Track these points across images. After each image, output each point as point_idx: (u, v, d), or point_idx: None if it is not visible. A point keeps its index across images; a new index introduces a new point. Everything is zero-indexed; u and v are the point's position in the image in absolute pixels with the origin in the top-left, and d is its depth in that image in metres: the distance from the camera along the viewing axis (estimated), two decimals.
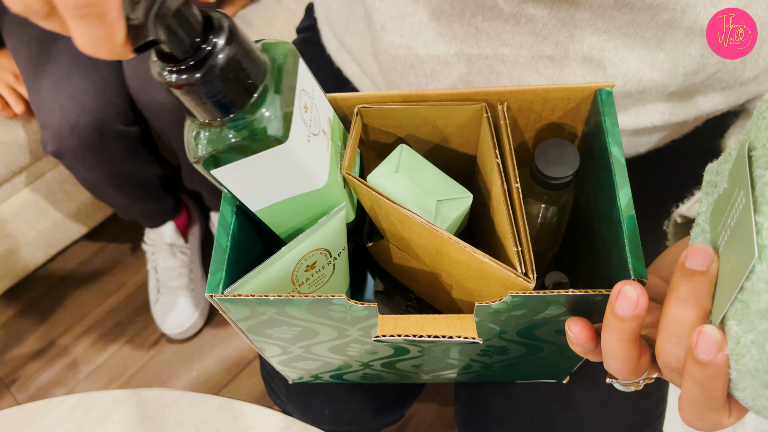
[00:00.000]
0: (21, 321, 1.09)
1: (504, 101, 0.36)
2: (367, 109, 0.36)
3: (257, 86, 0.26)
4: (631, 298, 0.26)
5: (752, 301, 0.22)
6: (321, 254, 0.33)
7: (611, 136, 0.33)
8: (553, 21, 0.38)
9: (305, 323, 0.33)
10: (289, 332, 0.36)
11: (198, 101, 0.25)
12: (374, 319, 0.32)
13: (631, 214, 0.31)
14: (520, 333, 0.35)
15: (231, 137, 0.26)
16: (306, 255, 0.32)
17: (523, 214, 0.31)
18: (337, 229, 0.34)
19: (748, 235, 0.22)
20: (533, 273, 0.29)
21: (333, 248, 0.34)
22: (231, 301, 0.30)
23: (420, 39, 0.43)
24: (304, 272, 0.33)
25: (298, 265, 0.32)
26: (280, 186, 0.30)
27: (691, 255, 0.25)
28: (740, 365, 0.23)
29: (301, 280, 0.33)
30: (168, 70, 0.24)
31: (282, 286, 0.33)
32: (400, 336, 0.29)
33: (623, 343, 0.27)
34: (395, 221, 0.34)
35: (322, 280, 0.35)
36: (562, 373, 0.47)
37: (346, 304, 0.30)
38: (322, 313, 0.32)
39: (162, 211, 1.02)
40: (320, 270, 0.34)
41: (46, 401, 0.48)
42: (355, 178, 0.33)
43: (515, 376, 0.49)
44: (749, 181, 0.22)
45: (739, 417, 0.26)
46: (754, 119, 0.24)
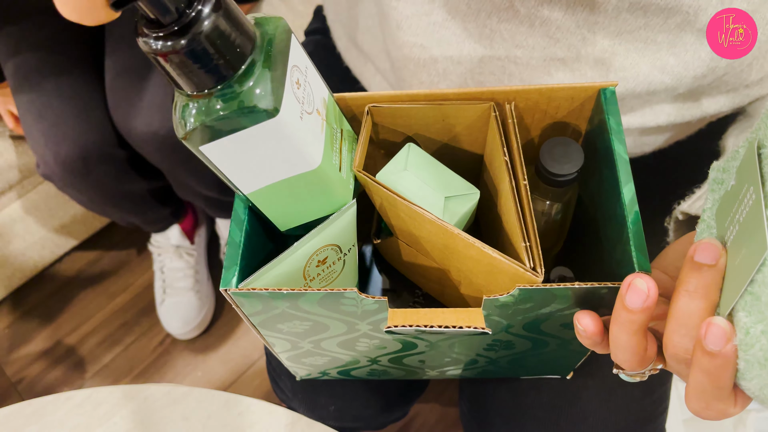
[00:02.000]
0: (28, 321, 1.10)
1: (511, 101, 0.36)
2: (377, 108, 0.37)
3: (246, 57, 0.26)
4: (642, 290, 0.26)
5: (763, 293, 0.22)
6: (332, 250, 0.34)
7: (615, 134, 0.34)
8: (567, 23, 0.39)
9: (316, 317, 0.34)
10: (300, 327, 0.36)
11: (184, 70, 0.25)
12: (384, 313, 0.32)
13: (635, 209, 0.32)
14: (526, 327, 0.36)
15: (219, 108, 0.26)
16: (318, 250, 0.33)
17: (531, 209, 0.32)
18: (348, 225, 0.34)
19: (759, 229, 0.22)
20: (541, 268, 0.30)
21: (343, 244, 0.35)
22: (245, 296, 0.31)
23: (434, 39, 0.43)
24: (316, 267, 0.33)
25: (310, 260, 0.33)
26: (272, 166, 0.30)
27: (700, 249, 0.25)
28: (749, 355, 0.23)
29: (312, 276, 0.34)
30: (153, 37, 0.24)
31: (294, 281, 0.33)
32: (411, 326, 0.30)
33: (632, 335, 0.28)
34: (405, 217, 0.35)
35: (333, 276, 0.36)
36: (566, 369, 0.48)
37: (358, 297, 0.30)
38: (333, 307, 0.32)
39: (161, 218, 1.02)
40: (331, 266, 0.35)
41: (55, 396, 0.48)
42: (366, 176, 0.34)
43: (520, 372, 0.49)
44: (759, 178, 0.23)
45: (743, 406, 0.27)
46: (764, 118, 0.24)
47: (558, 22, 0.39)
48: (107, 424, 0.46)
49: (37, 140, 0.80)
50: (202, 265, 1.10)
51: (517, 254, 0.32)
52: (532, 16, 0.39)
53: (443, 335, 0.34)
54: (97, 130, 0.81)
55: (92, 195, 0.87)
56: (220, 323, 1.09)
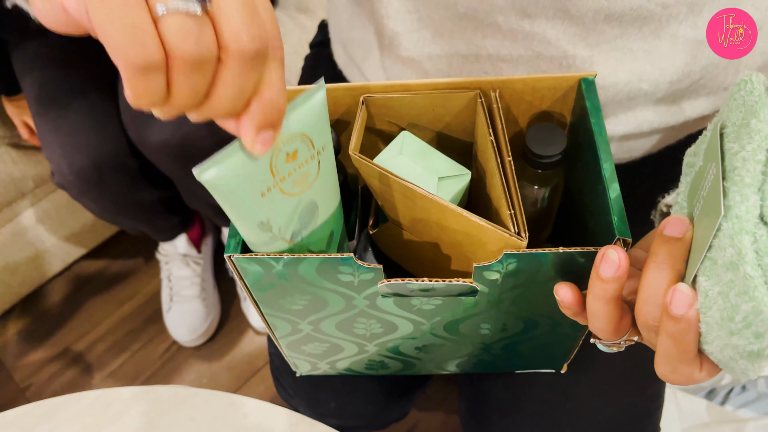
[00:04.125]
0: (37, 327, 1.12)
1: (496, 89, 0.39)
2: (372, 98, 0.40)
3: None
4: (614, 260, 0.28)
5: (719, 256, 0.24)
6: (302, 142, 0.30)
7: (594, 117, 0.37)
8: (548, 36, 0.41)
9: (315, 289, 0.36)
10: (300, 302, 0.38)
11: None
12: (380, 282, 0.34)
13: (614, 184, 0.34)
14: (517, 303, 0.38)
15: None
16: (285, 139, 0.29)
17: (515, 182, 0.34)
18: (318, 114, 0.30)
19: (717, 199, 0.24)
20: (525, 233, 0.32)
21: (315, 137, 0.30)
22: (247, 261, 0.33)
23: (425, 53, 0.46)
24: (285, 164, 0.30)
25: (277, 150, 0.29)
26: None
27: (668, 224, 0.27)
28: (708, 317, 0.25)
29: (282, 174, 0.30)
30: None
31: (260, 175, 0.29)
32: (403, 281, 0.32)
33: (605, 303, 0.29)
34: (399, 197, 0.37)
35: (307, 180, 0.32)
36: (560, 361, 0.49)
37: (354, 264, 0.33)
38: (331, 277, 0.35)
39: (170, 227, 1.04)
40: (303, 164, 0.31)
41: (67, 397, 0.49)
42: (362, 158, 0.37)
43: (515, 362, 0.51)
44: (720, 154, 0.25)
45: (710, 374, 0.28)
46: (727, 101, 0.27)
47: (539, 35, 0.41)
48: (117, 424, 0.47)
49: (53, 150, 0.83)
50: (208, 274, 1.12)
51: (503, 223, 0.34)
52: (515, 31, 0.42)
53: (432, 291, 0.35)
54: (111, 140, 0.84)
55: (105, 203, 0.89)
56: (225, 330, 1.10)
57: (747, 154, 0.23)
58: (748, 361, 0.25)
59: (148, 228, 1.02)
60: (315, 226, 0.35)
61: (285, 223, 0.32)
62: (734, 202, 0.23)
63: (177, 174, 0.88)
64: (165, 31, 0.21)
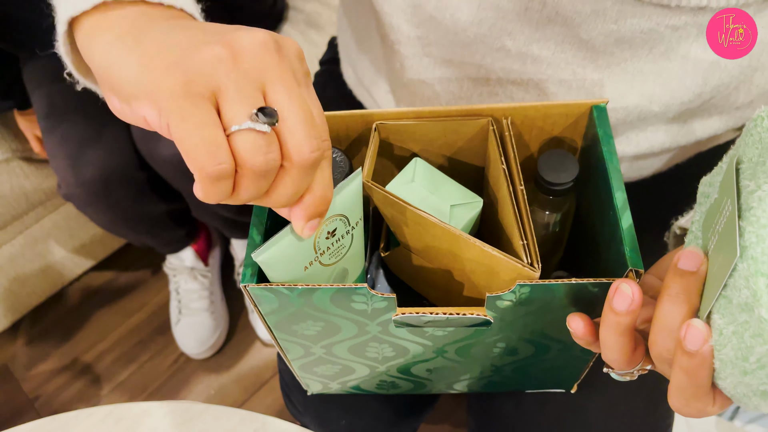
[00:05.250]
0: (46, 338, 1.13)
1: (508, 116, 0.39)
2: (384, 125, 0.40)
3: None
4: (627, 295, 0.28)
5: (734, 296, 0.24)
6: (340, 221, 0.34)
7: (606, 145, 0.37)
8: (557, 60, 0.41)
9: (328, 317, 0.36)
10: (313, 328, 0.38)
11: None
12: (393, 312, 0.35)
13: (626, 213, 0.34)
14: (529, 330, 0.38)
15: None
16: (327, 220, 0.33)
17: (528, 211, 0.34)
18: (355, 195, 0.34)
19: (732, 237, 0.24)
20: (538, 263, 0.32)
21: (351, 215, 0.35)
22: (262, 291, 0.33)
23: (435, 77, 0.46)
24: (326, 240, 0.34)
25: (320, 230, 0.33)
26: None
27: (683, 257, 0.28)
28: (722, 354, 0.25)
29: (322, 248, 0.34)
30: None
31: (305, 251, 0.33)
32: (417, 313, 0.32)
33: (619, 336, 0.29)
34: (412, 224, 0.37)
35: (342, 252, 0.36)
36: (570, 381, 0.49)
37: (368, 293, 0.33)
38: (344, 305, 0.35)
39: (175, 240, 1.05)
40: (340, 239, 0.35)
41: (78, 412, 0.49)
42: (375, 185, 0.37)
43: (525, 383, 0.51)
44: (735, 191, 0.25)
45: (722, 406, 0.29)
46: (743, 136, 0.27)
47: (548, 59, 0.41)
48: None
49: (60, 162, 0.84)
50: (216, 287, 1.12)
51: (516, 252, 0.34)
52: (524, 55, 0.42)
53: (446, 322, 0.36)
54: (119, 153, 0.85)
55: (111, 216, 0.90)
56: (233, 342, 1.11)
57: (763, 194, 0.24)
58: (761, 399, 0.25)
59: (154, 241, 1.03)
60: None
61: None
62: (750, 243, 0.23)
63: (187, 188, 0.89)
64: (237, 145, 0.24)
